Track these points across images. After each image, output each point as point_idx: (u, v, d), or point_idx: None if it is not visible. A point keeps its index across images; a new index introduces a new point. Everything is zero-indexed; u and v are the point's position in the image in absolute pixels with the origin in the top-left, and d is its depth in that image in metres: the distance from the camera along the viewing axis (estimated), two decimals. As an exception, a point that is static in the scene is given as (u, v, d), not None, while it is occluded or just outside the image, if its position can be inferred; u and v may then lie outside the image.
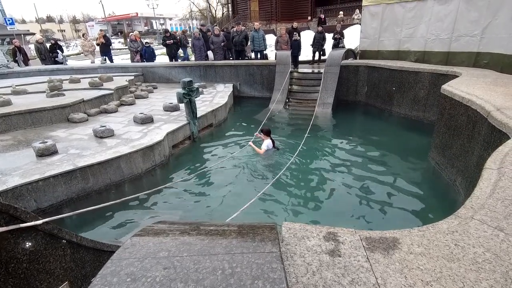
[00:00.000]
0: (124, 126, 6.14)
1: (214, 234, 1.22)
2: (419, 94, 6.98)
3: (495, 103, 3.61)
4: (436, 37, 7.29)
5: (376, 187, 4.55)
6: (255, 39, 11.20)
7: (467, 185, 3.70)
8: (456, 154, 4.25)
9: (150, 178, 5.05)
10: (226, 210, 3.87)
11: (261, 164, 5.43)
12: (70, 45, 40.55)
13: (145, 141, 5.16)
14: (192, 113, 6.21)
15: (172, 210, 4.23)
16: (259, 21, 19.50)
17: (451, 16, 6.86)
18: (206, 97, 8.74)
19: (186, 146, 6.33)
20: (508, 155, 2.28)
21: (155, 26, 53.21)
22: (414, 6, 7.54)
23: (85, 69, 12.64)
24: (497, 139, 3.09)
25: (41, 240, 1.98)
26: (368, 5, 8.58)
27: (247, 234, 1.19)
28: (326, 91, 8.86)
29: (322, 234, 1.47)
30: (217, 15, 43.40)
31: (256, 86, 10.50)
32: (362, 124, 7.95)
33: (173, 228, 1.34)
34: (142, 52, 12.71)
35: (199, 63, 11.26)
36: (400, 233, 1.48)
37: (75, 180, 4.19)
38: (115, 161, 4.56)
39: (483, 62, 6.49)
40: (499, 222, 1.51)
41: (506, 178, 1.93)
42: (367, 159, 5.57)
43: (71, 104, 6.68)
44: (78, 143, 5.19)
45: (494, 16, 6.08)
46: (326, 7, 24.50)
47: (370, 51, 8.98)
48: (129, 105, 8.03)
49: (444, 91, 4.67)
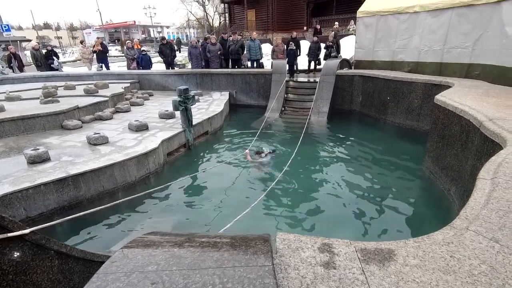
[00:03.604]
0: (119, 133, 6.08)
1: (205, 247, 1.18)
2: (413, 104, 7.06)
3: (487, 114, 3.66)
4: (429, 48, 7.42)
5: (371, 196, 4.54)
6: (251, 48, 11.30)
7: (461, 194, 3.70)
8: (450, 164, 4.28)
9: (144, 186, 4.98)
10: (220, 220, 3.83)
11: (256, 173, 5.40)
12: (66, 51, 40.49)
13: (139, 148, 5.11)
14: (187, 120, 6.19)
15: (166, 218, 4.16)
16: (256, 31, 19.72)
17: (443, 28, 7.00)
18: (202, 104, 8.74)
19: (181, 154, 6.28)
20: (501, 165, 2.29)
21: (152, 34, 53.50)
22: (407, 18, 7.69)
23: (81, 76, 12.59)
24: (490, 149, 3.12)
25: (28, 250, 1.92)
26: (363, 17, 8.73)
27: (240, 246, 1.16)
28: (321, 100, 8.93)
29: (317, 245, 1.44)
30: (214, 24, 43.86)
31: (252, 94, 10.54)
32: (357, 133, 7.98)
33: (164, 239, 1.30)
34: (138, 59, 12.73)
35: (195, 71, 11.29)
36: (396, 244, 1.46)
37: (67, 188, 4.12)
38: (109, 169, 4.50)
39: (474, 73, 6.61)
40: (494, 233, 1.50)
41: (499, 189, 1.93)
42: (362, 168, 5.58)
43: (65, 110, 6.62)
44: (71, 150, 5.12)
45: (486, 29, 6.22)
46: (321, 18, 24.95)
47: (364, 61, 9.10)
48: (125, 112, 7.99)
49: (437, 101, 4.73)
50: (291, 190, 4.75)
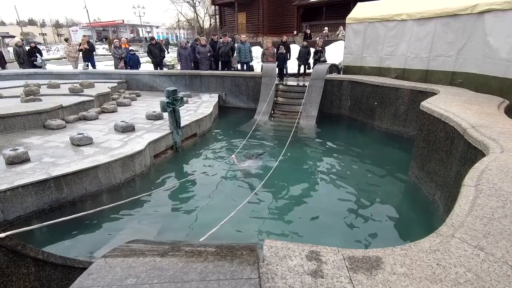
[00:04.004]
0: (104, 134, 5.93)
1: (189, 257, 1.13)
2: (400, 110, 7.19)
3: (470, 121, 3.75)
4: (415, 56, 7.59)
5: (357, 200, 4.57)
6: (241, 50, 11.29)
7: (446, 200, 3.78)
8: (435, 169, 4.36)
9: (129, 189, 4.87)
10: (206, 224, 3.76)
11: (243, 177, 5.36)
12: (51, 49, 39.43)
13: (125, 150, 4.99)
14: (175, 122, 6.10)
15: (151, 222, 4.06)
16: (246, 34, 19.75)
17: (429, 36, 7.18)
18: (190, 106, 8.65)
19: (168, 156, 6.18)
20: (484, 172, 2.34)
21: (141, 33, 52.80)
22: (395, 25, 7.86)
23: (65, 75, 12.26)
24: (473, 156, 3.19)
25: (3, 257, 1.82)
26: (351, 23, 8.86)
27: (225, 257, 1.12)
28: (310, 104, 8.99)
29: (305, 253, 1.42)
30: (205, 25, 43.71)
31: (242, 97, 10.51)
32: (345, 138, 8.07)
33: (146, 248, 1.24)
34: (126, 59, 12.51)
35: (184, 72, 11.18)
36: (383, 252, 1.45)
37: (48, 191, 3.97)
38: (92, 171, 4.36)
39: (458, 81, 6.79)
40: (478, 240, 1.52)
41: (483, 196, 1.97)
42: (349, 172, 5.62)
43: (48, 110, 6.41)
44: (53, 151, 4.95)
45: (469, 39, 6.41)
46: (311, 23, 25.23)
47: (353, 66, 9.22)
48: (111, 112, 7.81)
49: (423, 107, 4.82)
50: (278, 194, 4.73)
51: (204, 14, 45.81)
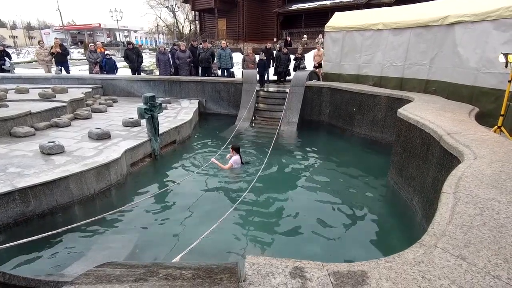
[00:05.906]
0: (77, 142, 5.64)
1: (164, 282, 1.04)
2: (377, 116, 7.38)
3: (445, 128, 3.87)
4: (391, 64, 7.84)
5: (338, 208, 4.58)
6: (222, 57, 11.22)
7: (423, 205, 3.86)
8: (413, 175, 4.46)
9: (104, 199, 4.62)
10: (185, 238, 3.62)
11: (225, 184, 5.26)
12: (21, 52, 37.58)
13: (100, 158, 4.75)
14: (154, 129, 5.91)
15: (126, 238, 3.84)
16: (227, 40, 19.74)
17: (403, 45, 7.46)
18: (170, 112, 8.45)
19: (146, 164, 5.96)
20: (461, 179, 2.39)
21: (118, 38, 51.47)
22: (371, 34, 8.10)
23: (36, 79, 11.65)
24: (449, 162, 3.28)
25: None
26: (330, 31, 9.06)
27: (203, 283, 1.03)
28: (291, 110, 9.05)
29: (288, 269, 1.36)
30: (185, 31, 43.38)
31: (223, 103, 10.42)
32: (325, 144, 8.16)
33: (120, 272, 1.13)
34: (102, 63, 12.09)
35: (163, 78, 10.95)
36: (368, 265, 1.42)
37: (12, 204, 3.68)
38: (63, 181, 4.10)
39: (431, 88, 7.08)
40: (460, 250, 1.52)
41: (461, 203, 2.00)
42: (330, 179, 5.66)
43: (15, 116, 6.02)
44: (20, 161, 4.62)
45: (440, 48, 6.71)
46: (291, 30, 25.66)
47: (332, 73, 9.40)
48: (85, 119, 7.46)
49: (400, 114, 4.95)
50: (259, 205, 4.61)
51: (184, 19, 45.51)
